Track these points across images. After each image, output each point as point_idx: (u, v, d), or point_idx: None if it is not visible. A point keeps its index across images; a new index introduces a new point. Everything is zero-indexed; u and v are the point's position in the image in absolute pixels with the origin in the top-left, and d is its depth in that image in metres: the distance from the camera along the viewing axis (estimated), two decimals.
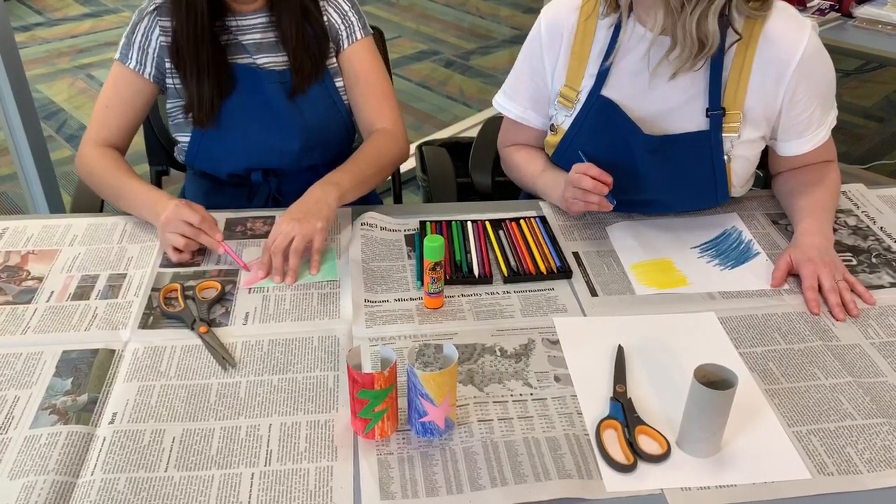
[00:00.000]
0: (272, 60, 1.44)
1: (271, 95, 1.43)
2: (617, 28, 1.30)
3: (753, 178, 1.45)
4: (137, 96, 1.43)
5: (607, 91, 1.33)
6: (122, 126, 1.44)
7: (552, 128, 1.42)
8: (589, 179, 1.26)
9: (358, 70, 1.48)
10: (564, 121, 1.38)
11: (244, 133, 1.45)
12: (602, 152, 1.30)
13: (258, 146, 1.47)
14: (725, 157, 1.31)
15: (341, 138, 1.55)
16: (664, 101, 1.31)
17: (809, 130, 1.33)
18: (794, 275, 1.26)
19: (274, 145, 1.47)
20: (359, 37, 1.48)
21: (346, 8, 1.48)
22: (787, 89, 1.28)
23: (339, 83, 1.50)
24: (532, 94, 1.43)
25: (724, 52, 1.26)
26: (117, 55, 1.41)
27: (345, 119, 1.53)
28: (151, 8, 1.39)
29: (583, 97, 1.35)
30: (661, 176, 1.33)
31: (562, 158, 1.40)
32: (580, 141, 1.35)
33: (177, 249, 1.26)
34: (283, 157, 1.49)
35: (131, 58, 1.40)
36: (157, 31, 1.39)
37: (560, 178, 1.37)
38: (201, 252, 1.31)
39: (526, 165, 1.48)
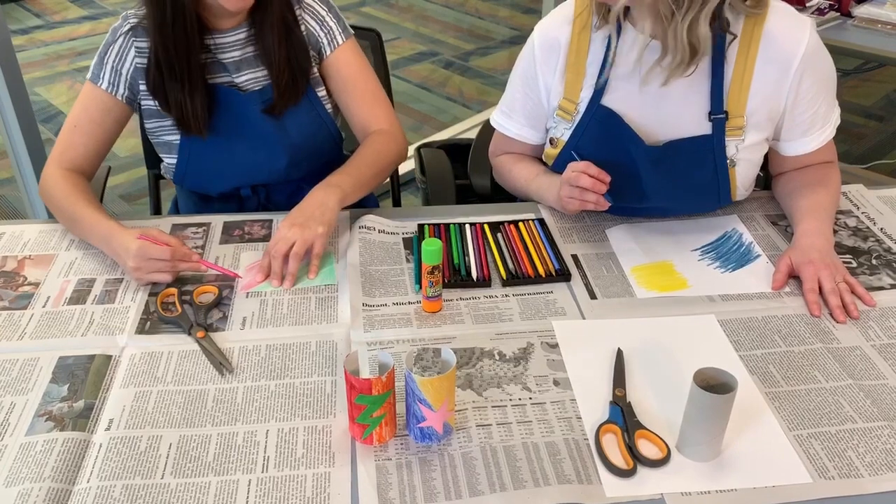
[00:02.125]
0: (252, 77, 1.40)
1: (254, 116, 1.40)
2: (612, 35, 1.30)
3: (755, 181, 1.44)
4: (107, 117, 1.38)
5: (607, 100, 1.32)
6: (90, 147, 1.39)
7: (551, 141, 1.41)
8: (587, 177, 1.25)
9: (345, 75, 1.45)
10: (564, 133, 1.38)
11: (230, 154, 1.43)
12: (603, 162, 1.29)
13: (245, 165, 1.45)
14: (730, 162, 1.31)
15: (328, 147, 1.53)
16: (665, 107, 1.30)
17: (814, 129, 1.33)
18: (794, 277, 1.25)
19: (261, 164, 1.46)
20: (340, 41, 1.44)
21: (324, 13, 1.43)
22: (790, 87, 1.27)
23: (321, 93, 1.46)
24: (529, 112, 1.43)
25: (725, 55, 1.25)
26: (89, 75, 1.37)
27: (330, 129, 1.51)
28: (127, 28, 1.35)
29: (582, 108, 1.34)
30: (663, 184, 1.32)
31: (561, 169, 1.39)
32: (580, 152, 1.34)
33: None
34: (272, 174, 1.47)
35: (103, 78, 1.36)
36: (132, 53, 1.35)
37: (555, 179, 1.36)
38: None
39: (520, 171, 1.47)
